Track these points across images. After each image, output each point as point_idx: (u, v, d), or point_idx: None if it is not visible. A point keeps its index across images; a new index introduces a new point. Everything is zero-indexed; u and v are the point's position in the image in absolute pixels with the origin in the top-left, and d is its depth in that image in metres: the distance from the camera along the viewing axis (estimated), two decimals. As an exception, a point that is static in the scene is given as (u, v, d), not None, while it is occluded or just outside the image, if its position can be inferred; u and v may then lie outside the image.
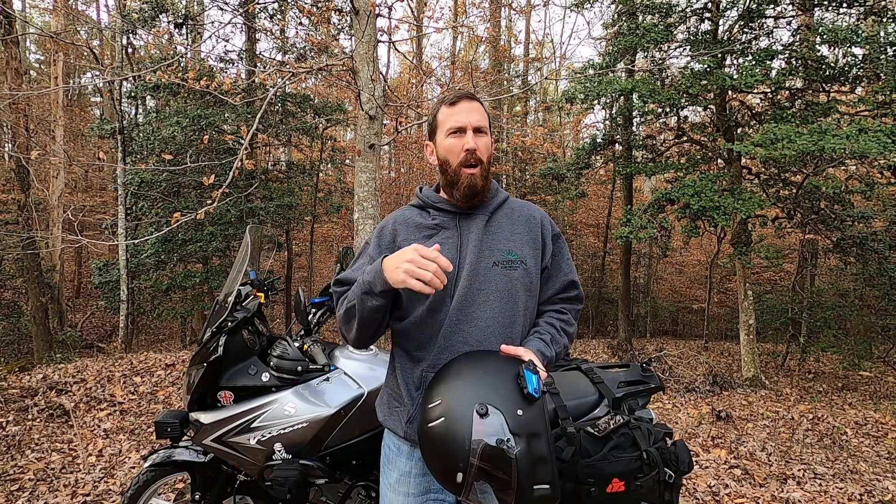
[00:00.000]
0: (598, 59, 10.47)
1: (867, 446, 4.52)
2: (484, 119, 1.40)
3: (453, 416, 1.11)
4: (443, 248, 1.34)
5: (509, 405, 1.11)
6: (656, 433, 1.66)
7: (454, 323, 1.32)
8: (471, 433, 1.08)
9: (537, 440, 1.12)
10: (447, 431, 1.11)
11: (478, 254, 1.36)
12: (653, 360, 4.40)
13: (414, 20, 7.95)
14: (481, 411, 1.09)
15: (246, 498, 2.15)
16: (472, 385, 1.16)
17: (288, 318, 12.93)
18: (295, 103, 10.81)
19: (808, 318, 9.37)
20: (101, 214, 14.68)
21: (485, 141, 1.39)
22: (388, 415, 1.44)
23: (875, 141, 5.80)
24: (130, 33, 10.34)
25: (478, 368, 1.21)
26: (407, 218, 1.46)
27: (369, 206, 4.66)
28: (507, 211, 1.45)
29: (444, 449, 1.11)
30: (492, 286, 1.34)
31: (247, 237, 2.21)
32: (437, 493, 1.39)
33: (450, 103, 1.40)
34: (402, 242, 1.40)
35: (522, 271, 1.38)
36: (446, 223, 1.41)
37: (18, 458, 3.59)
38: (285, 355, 2.05)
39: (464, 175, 1.36)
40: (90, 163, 13.11)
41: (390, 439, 1.46)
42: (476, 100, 1.41)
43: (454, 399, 1.14)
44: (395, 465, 1.42)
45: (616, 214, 15.24)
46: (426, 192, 1.50)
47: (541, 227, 1.46)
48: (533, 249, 1.42)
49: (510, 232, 1.41)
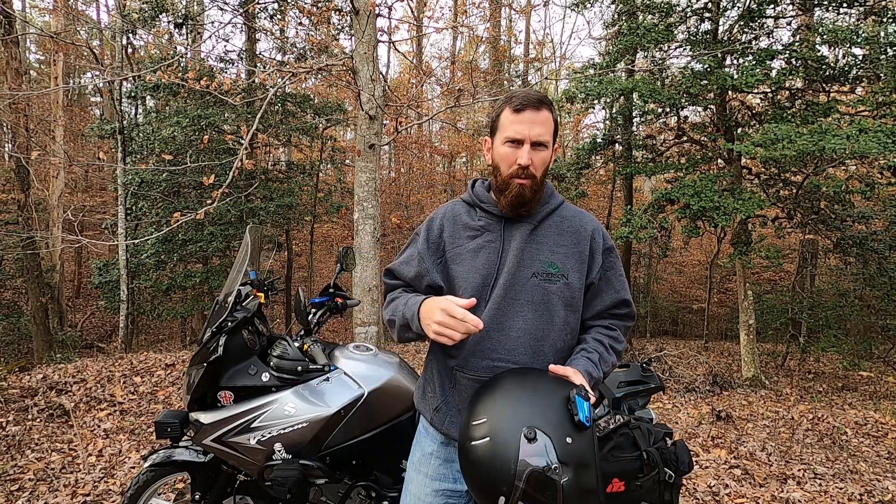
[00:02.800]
0: (599, 59, 10.47)
1: (867, 446, 4.52)
2: (547, 132, 1.32)
3: (500, 439, 1.08)
4: (483, 251, 1.36)
5: (558, 432, 1.08)
6: (656, 433, 1.66)
7: (485, 330, 1.30)
8: (517, 457, 1.05)
9: (586, 471, 1.08)
10: (493, 453, 1.08)
11: (517, 263, 1.34)
12: (653, 360, 4.40)
13: (414, 20, 7.95)
14: (529, 436, 1.06)
15: (246, 498, 2.14)
16: (520, 407, 1.13)
17: (288, 318, 12.92)
18: (295, 103, 10.80)
19: (808, 318, 9.36)
20: (101, 214, 14.67)
21: (542, 156, 1.32)
22: (422, 399, 1.48)
23: (875, 141, 5.80)
24: (130, 33, 10.34)
25: (526, 389, 1.17)
26: (455, 214, 1.45)
27: (369, 206, 4.66)
28: (556, 220, 1.40)
29: (487, 470, 1.09)
30: (527, 297, 1.33)
31: (247, 237, 2.20)
32: (452, 483, 1.40)
33: (515, 109, 1.31)
34: (448, 239, 1.41)
35: (562, 285, 1.35)
36: (491, 226, 1.39)
37: (18, 458, 3.58)
38: (285, 355, 2.04)
39: (513, 184, 1.32)
40: (90, 163, 13.11)
41: (422, 420, 1.50)
42: (544, 107, 1.31)
43: (501, 420, 1.11)
44: (421, 445, 1.46)
45: (616, 214, 15.23)
46: (478, 188, 1.46)
47: (590, 241, 1.40)
48: (578, 263, 1.37)
49: (555, 244, 1.37)
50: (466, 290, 1.34)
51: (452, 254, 1.39)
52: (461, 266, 1.37)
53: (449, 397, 1.38)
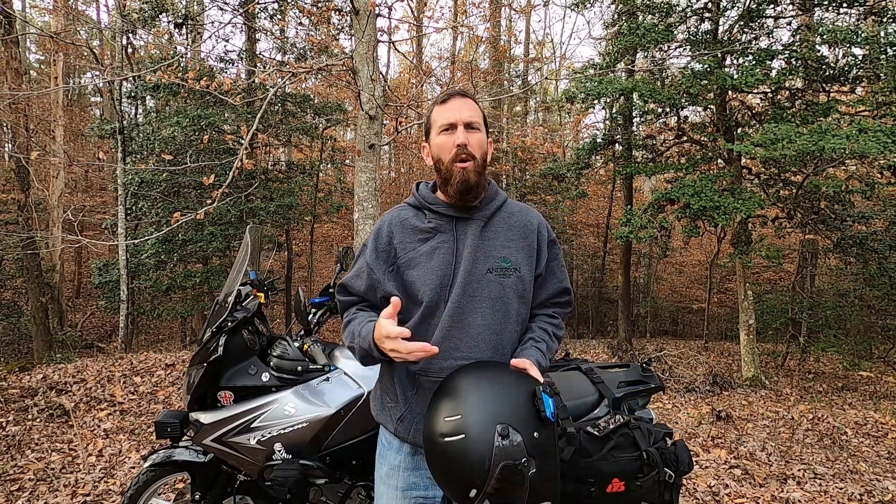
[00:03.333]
0: (599, 59, 10.47)
1: (867, 446, 4.52)
2: (476, 115, 1.38)
3: (475, 436, 1.13)
4: (438, 252, 1.37)
5: (527, 427, 1.15)
6: (656, 433, 1.66)
7: (446, 329, 1.33)
8: (492, 454, 1.10)
9: (549, 460, 1.16)
10: (467, 449, 1.12)
11: (472, 260, 1.35)
12: (653, 360, 4.40)
13: (414, 20, 7.95)
14: (503, 433, 1.12)
15: (246, 498, 2.15)
16: (491, 404, 1.17)
17: (288, 318, 12.92)
18: (295, 103, 10.80)
19: (808, 318, 9.36)
20: (101, 214, 14.67)
21: (477, 137, 1.37)
22: (381, 411, 1.46)
23: (875, 141, 5.80)
24: (130, 33, 10.34)
25: (494, 385, 1.22)
26: (403, 219, 1.44)
27: (369, 206, 4.66)
28: (504, 216, 1.44)
29: (461, 465, 1.13)
30: (485, 293, 1.35)
31: (247, 237, 2.21)
32: (424, 490, 1.41)
33: (441, 102, 1.40)
34: (398, 245, 1.40)
35: (516, 278, 1.38)
36: (442, 227, 1.39)
37: (18, 458, 3.58)
38: (285, 355, 2.05)
39: (456, 170, 1.34)
40: (90, 163, 13.12)
41: (383, 434, 1.49)
42: (468, 97, 1.40)
43: (474, 416, 1.15)
44: (386, 459, 1.45)
45: (616, 214, 15.24)
46: (423, 191, 1.47)
47: (537, 234, 1.45)
48: (528, 256, 1.42)
49: (506, 238, 1.41)
50: (425, 293, 1.34)
51: (405, 259, 1.38)
52: (417, 270, 1.36)
53: (413, 405, 1.37)
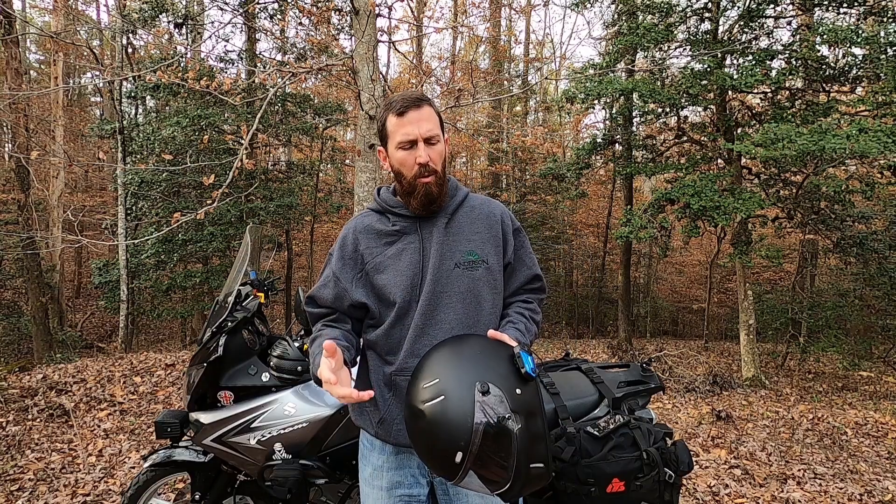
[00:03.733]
0: (599, 59, 10.47)
1: (867, 446, 4.52)
2: (435, 126, 1.35)
3: (454, 395, 1.10)
4: (405, 254, 1.38)
5: (508, 384, 1.13)
6: (656, 433, 1.66)
7: (419, 328, 1.34)
8: (473, 411, 1.07)
9: (534, 419, 1.13)
10: (447, 410, 1.10)
11: (439, 257, 1.36)
12: (653, 360, 4.40)
13: (414, 20, 7.95)
14: (483, 389, 1.09)
15: (246, 498, 2.15)
16: (468, 364, 1.16)
17: (288, 318, 12.93)
18: (295, 103, 10.80)
19: (808, 318, 9.36)
20: (101, 214, 14.67)
21: (437, 150, 1.36)
22: (360, 415, 1.46)
23: (875, 141, 5.80)
24: (130, 33, 10.34)
25: (472, 348, 1.22)
26: (367, 225, 1.45)
27: (369, 206, 4.66)
28: (467, 210, 1.44)
29: (444, 428, 1.10)
30: (455, 288, 1.35)
31: (247, 237, 2.21)
32: (408, 489, 1.42)
33: (398, 113, 1.34)
34: (365, 251, 1.41)
35: (484, 270, 1.38)
36: (407, 228, 1.40)
37: (18, 458, 3.58)
38: (285, 355, 2.05)
39: (419, 185, 1.34)
40: (90, 163, 13.13)
41: (364, 436, 1.49)
42: (424, 103, 1.35)
43: (452, 377, 1.14)
44: (369, 461, 1.46)
45: (616, 214, 15.24)
46: (384, 195, 1.47)
47: (501, 224, 1.45)
48: (494, 247, 1.42)
49: (470, 232, 1.41)
50: (397, 294, 1.35)
51: (374, 264, 1.40)
52: (386, 273, 1.37)
53: (391, 406, 1.38)
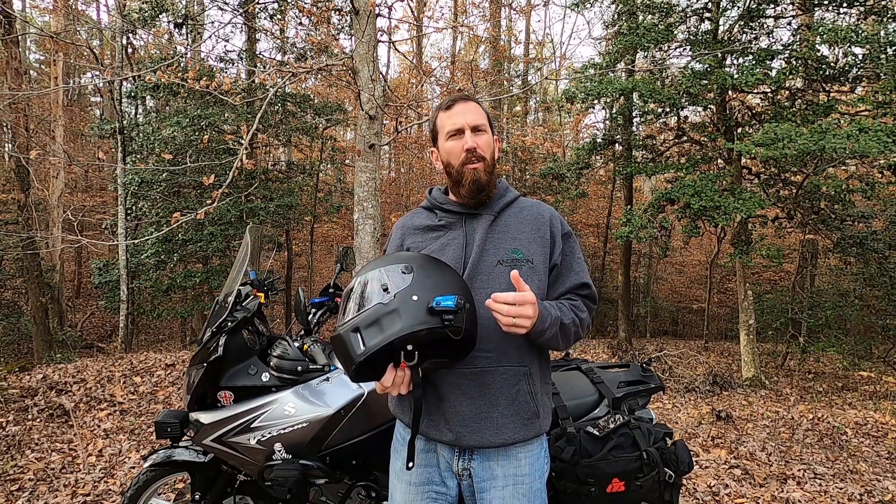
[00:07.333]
0: (599, 59, 10.47)
1: (867, 446, 4.52)
2: (481, 117, 1.41)
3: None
4: (448, 248, 1.40)
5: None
6: (656, 433, 1.66)
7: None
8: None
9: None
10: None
11: (481, 253, 1.37)
12: (653, 360, 4.40)
13: (414, 20, 7.95)
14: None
15: (246, 498, 2.15)
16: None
17: (288, 318, 12.92)
18: (295, 103, 10.80)
19: (808, 318, 9.36)
20: (101, 214, 14.67)
21: (485, 138, 1.40)
22: (398, 405, 1.48)
23: (875, 140, 5.80)
24: (130, 33, 10.33)
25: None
26: (414, 223, 1.50)
27: (369, 206, 4.65)
28: (515, 210, 1.46)
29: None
30: (495, 285, 1.34)
31: (247, 237, 2.21)
32: (438, 486, 1.42)
33: (446, 108, 1.43)
34: (411, 246, 1.46)
35: (528, 269, 1.37)
36: (452, 223, 1.44)
37: (18, 458, 3.58)
38: (285, 355, 2.04)
39: (467, 171, 1.38)
40: (90, 163, 13.11)
41: (399, 430, 1.51)
42: (472, 100, 1.43)
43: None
44: (400, 454, 1.46)
45: (616, 214, 15.23)
46: (435, 193, 1.52)
47: (549, 225, 1.44)
48: (541, 248, 1.41)
49: (516, 230, 1.42)
50: None
51: None
52: None
53: (427, 395, 1.39)
